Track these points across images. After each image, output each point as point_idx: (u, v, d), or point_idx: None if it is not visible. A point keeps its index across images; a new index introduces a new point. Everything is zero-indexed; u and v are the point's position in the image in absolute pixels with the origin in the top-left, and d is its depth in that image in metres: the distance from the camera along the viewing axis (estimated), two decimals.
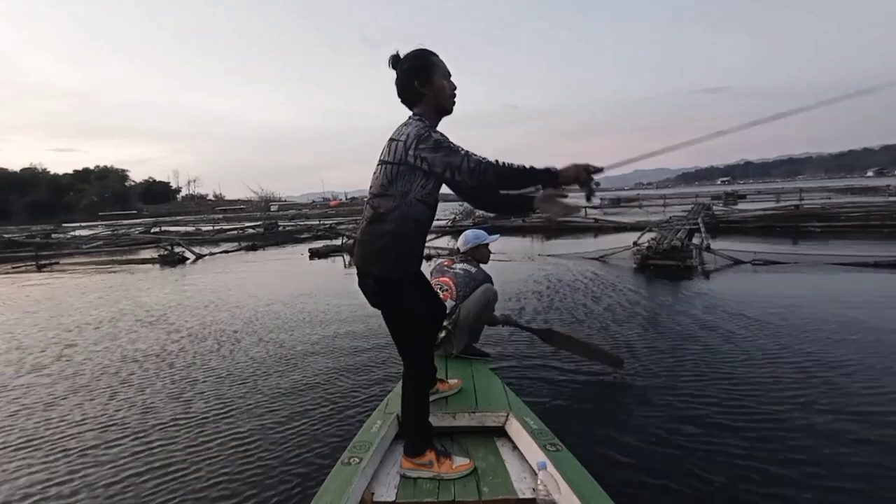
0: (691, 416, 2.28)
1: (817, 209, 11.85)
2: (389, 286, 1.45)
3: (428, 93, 1.41)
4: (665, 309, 4.53)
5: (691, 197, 27.99)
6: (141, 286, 7.62)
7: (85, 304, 6.23)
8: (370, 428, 1.72)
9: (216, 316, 5.02)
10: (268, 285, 7.03)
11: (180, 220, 34.73)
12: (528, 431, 1.64)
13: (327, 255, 10.50)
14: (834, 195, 23.43)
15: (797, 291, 4.95)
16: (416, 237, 1.46)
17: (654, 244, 6.94)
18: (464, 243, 2.73)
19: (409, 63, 1.42)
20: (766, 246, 8.41)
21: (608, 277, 6.20)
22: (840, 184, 37.56)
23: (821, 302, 4.39)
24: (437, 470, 1.51)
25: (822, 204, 14.27)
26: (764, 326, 3.70)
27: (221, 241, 15.39)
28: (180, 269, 9.95)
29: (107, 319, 5.13)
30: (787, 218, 11.28)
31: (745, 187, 47.39)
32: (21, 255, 12.51)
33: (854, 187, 28.67)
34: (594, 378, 2.79)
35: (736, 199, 24.73)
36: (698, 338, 3.50)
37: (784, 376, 2.75)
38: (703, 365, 2.96)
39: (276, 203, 49.07)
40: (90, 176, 70.24)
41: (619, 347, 3.25)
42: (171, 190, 75.55)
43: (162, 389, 2.98)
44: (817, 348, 3.17)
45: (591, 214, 16.67)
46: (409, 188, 1.37)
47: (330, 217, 25.32)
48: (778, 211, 12.17)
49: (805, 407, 2.35)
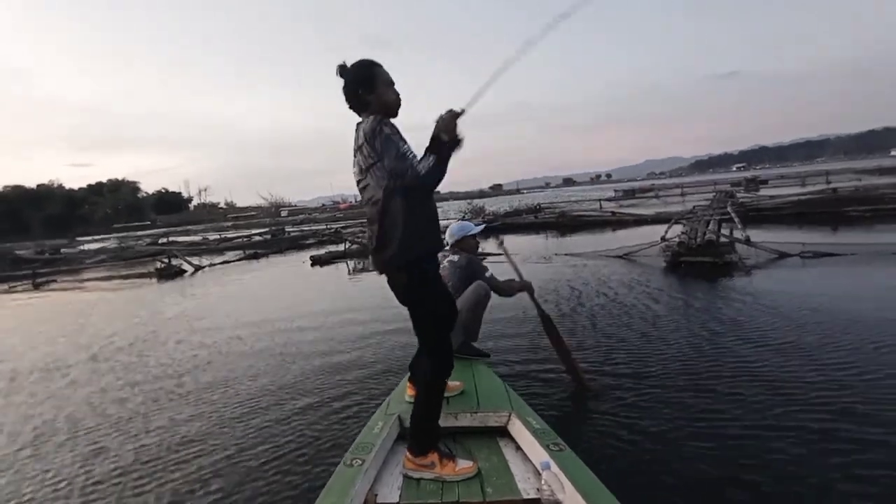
0: (702, 417, 2.17)
1: (859, 192, 10.86)
2: (416, 271, 1.48)
3: (372, 100, 1.49)
4: (705, 314, 3.90)
5: (709, 185, 26.97)
6: (128, 305, 7.20)
7: (52, 327, 5.80)
8: (372, 429, 1.71)
9: (191, 339, 4.52)
10: (264, 297, 6.54)
11: (191, 229, 34.79)
12: (531, 431, 1.63)
13: (330, 261, 9.98)
14: (864, 177, 22.14)
15: (866, 291, 4.19)
16: (424, 214, 1.48)
17: (686, 239, 6.21)
18: (450, 236, 2.77)
19: (353, 74, 1.50)
20: (808, 235, 7.79)
21: (637, 279, 5.54)
22: (869, 164, 35.56)
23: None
24: (439, 471, 1.50)
25: (857, 186, 13.25)
26: (830, 336, 3.05)
27: (227, 249, 15.02)
28: (178, 281, 9.56)
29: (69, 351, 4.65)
30: (826, 203, 10.36)
31: (763, 172, 45.65)
32: (20, 273, 12.29)
33: (885, 167, 27.11)
34: (597, 377, 2.69)
35: (758, 185, 23.75)
36: (727, 342, 3.14)
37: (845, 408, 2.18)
38: (740, 374, 2.63)
39: (287, 208, 49.04)
40: (103, 189, 71.31)
41: (652, 356, 3.01)
42: (182, 199, 76.37)
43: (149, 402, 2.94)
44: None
45: (607, 208, 15.95)
46: (388, 177, 1.42)
47: (338, 220, 24.93)
48: (815, 196, 11.20)
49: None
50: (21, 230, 56.05)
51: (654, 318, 3.87)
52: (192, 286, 8.80)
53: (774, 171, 50.03)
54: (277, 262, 11.64)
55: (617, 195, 26.87)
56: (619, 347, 3.22)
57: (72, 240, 33.22)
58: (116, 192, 70.52)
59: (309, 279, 8.32)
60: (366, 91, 1.47)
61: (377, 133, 1.39)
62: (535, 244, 10.10)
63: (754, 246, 6.23)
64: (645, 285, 5.10)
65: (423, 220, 1.47)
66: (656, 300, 4.46)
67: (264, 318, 5.16)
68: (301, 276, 8.84)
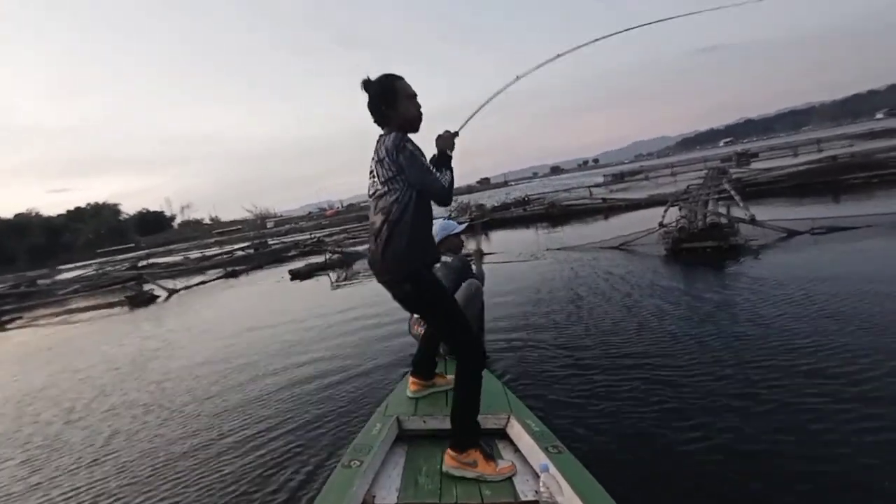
0: (705, 421, 2.04)
1: (858, 159, 10.41)
2: (421, 280, 1.54)
3: (394, 115, 1.55)
4: (716, 309, 3.47)
5: (699, 162, 26.56)
6: (87, 342, 6.58)
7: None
8: (370, 430, 1.72)
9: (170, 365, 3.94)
10: (239, 316, 5.96)
11: (174, 248, 33.88)
12: (530, 433, 1.62)
13: (310, 274, 9.37)
14: (856, 142, 21.84)
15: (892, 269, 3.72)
16: (426, 227, 1.59)
17: (687, 223, 5.70)
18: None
19: (375, 88, 1.55)
20: (811, 209, 7.41)
21: (636, 271, 5.08)
22: (859, 129, 35.13)
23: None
24: (480, 470, 1.50)
25: (852, 153, 12.86)
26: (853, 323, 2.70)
27: (207, 268, 14.34)
28: (151, 308, 8.94)
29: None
30: (826, 172, 9.90)
31: (751, 145, 45.42)
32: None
33: (876, 130, 26.81)
34: (596, 378, 2.61)
35: (749, 159, 23.35)
36: (741, 343, 2.82)
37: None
38: (756, 377, 2.39)
39: (273, 219, 48.09)
40: (84, 214, 69.51)
41: (657, 357, 2.80)
42: (165, 218, 74.98)
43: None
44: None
45: (597, 194, 15.47)
46: (406, 190, 1.50)
47: (323, 228, 24.23)
48: (813, 165, 10.72)
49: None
50: (5, 262, 54.74)
51: (661, 314, 3.51)
52: (163, 313, 8.20)
53: (763, 143, 49.74)
54: (257, 278, 11.00)
55: (606, 180, 26.47)
56: (621, 346, 3.02)
57: (53, 269, 32.30)
58: (97, 216, 68.91)
59: (287, 296, 7.75)
60: (388, 106, 1.52)
61: (400, 150, 1.45)
62: (524, 239, 9.58)
63: (760, 225, 5.73)
64: (646, 279, 4.60)
65: (426, 232, 1.57)
66: (661, 296, 3.97)
67: (231, 347, 4.62)
68: (279, 293, 8.26)
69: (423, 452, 1.69)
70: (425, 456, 1.66)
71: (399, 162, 1.45)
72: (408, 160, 1.45)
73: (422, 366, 2.08)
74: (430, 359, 2.09)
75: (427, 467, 1.59)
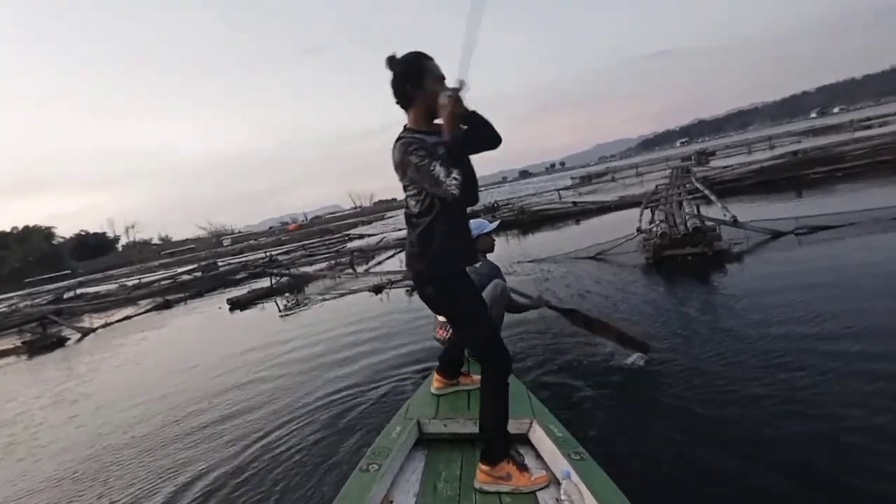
0: (730, 431, 1.89)
1: (818, 154, 10.44)
2: (445, 284, 1.50)
3: (420, 96, 1.43)
4: (714, 326, 2.98)
5: (661, 162, 27.15)
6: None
7: None
8: (390, 433, 1.71)
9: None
10: (159, 365, 4.82)
11: (115, 273, 30.98)
12: (553, 439, 1.60)
13: (252, 302, 8.22)
14: (802, 139, 22.89)
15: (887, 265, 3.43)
16: (455, 234, 1.49)
17: (668, 228, 5.14)
18: None
19: (402, 67, 1.43)
20: (780, 205, 7.39)
21: (616, 283, 4.51)
22: (801, 126, 37.41)
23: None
24: (515, 483, 1.45)
25: (803, 148, 13.16)
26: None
27: (141, 297, 12.72)
28: (56, 353, 7.53)
29: None
30: (788, 168, 9.83)
31: (706, 144, 47.53)
32: None
33: (817, 127, 28.40)
34: (622, 383, 2.45)
35: (707, 158, 23.96)
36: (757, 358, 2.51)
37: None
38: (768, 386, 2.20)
39: (230, 236, 45.23)
40: (8, 239, 61.45)
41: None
42: (108, 241, 68.78)
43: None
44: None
45: (567, 197, 15.14)
46: (426, 198, 1.43)
47: (282, 244, 22.69)
48: (777, 161, 10.70)
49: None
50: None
51: (660, 338, 2.82)
52: (67, 362, 6.83)
53: (717, 141, 52.19)
54: (194, 308, 9.69)
55: (574, 182, 26.56)
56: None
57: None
58: (25, 241, 60.96)
59: (219, 332, 6.64)
60: (414, 87, 1.42)
61: (406, 164, 1.39)
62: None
63: (743, 227, 5.25)
64: (635, 298, 3.96)
65: (453, 237, 1.47)
66: (652, 317, 3.36)
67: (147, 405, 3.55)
68: (211, 328, 7.12)
69: (443, 457, 1.67)
70: (445, 460, 1.65)
71: (409, 176, 1.39)
72: (416, 174, 1.36)
73: (448, 364, 2.11)
74: (456, 358, 2.12)
75: (447, 472, 1.57)
